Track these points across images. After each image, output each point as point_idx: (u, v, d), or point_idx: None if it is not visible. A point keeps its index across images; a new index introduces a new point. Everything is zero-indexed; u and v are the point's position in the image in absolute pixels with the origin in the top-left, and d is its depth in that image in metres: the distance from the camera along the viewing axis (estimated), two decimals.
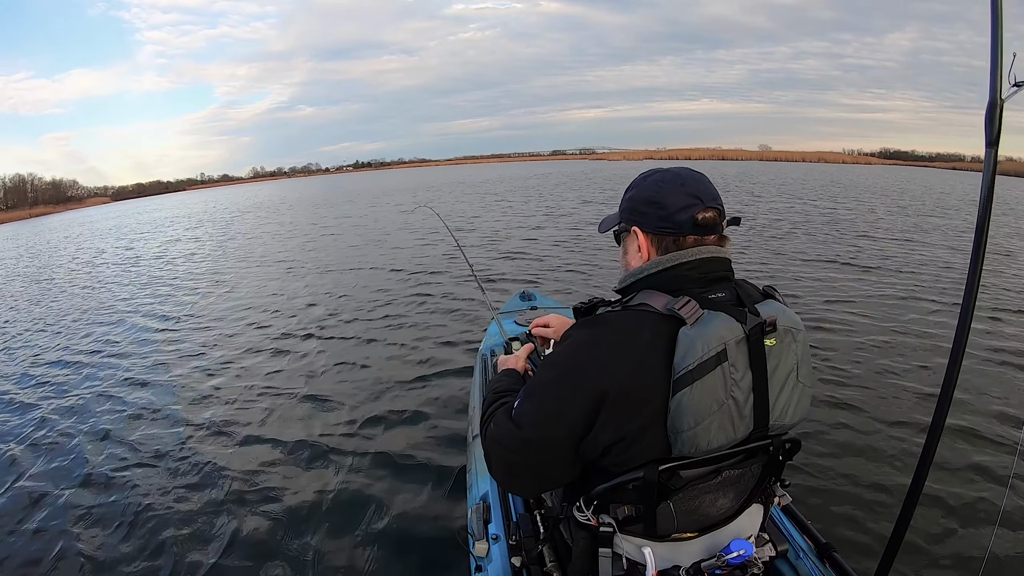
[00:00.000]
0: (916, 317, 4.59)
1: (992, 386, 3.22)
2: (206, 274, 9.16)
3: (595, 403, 0.88)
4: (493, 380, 1.25)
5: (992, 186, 1.12)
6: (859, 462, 2.59)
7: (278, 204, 28.23)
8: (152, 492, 2.78)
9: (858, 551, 1.94)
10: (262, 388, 4.02)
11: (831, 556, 1.29)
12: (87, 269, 11.30)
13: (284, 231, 15.12)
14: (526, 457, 0.95)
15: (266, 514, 2.52)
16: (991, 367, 3.53)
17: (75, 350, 5.43)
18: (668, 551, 0.99)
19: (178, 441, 3.30)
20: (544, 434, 0.93)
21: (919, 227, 10.42)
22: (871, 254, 7.52)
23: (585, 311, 1.05)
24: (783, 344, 0.91)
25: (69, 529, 2.54)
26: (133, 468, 3.04)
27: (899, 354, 3.82)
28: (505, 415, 1.00)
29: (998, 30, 1.06)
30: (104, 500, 2.76)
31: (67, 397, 4.18)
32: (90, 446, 3.34)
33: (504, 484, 1.05)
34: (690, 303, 0.88)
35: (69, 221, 32.69)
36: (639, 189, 1.03)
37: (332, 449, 3.04)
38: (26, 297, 8.69)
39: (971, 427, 2.78)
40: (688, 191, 0.98)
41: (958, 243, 8.45)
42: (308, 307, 6.22)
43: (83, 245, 16.60)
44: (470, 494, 1.75)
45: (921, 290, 5.56)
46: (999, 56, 1.06)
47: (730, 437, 0.89)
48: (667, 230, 0.97)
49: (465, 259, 3.01)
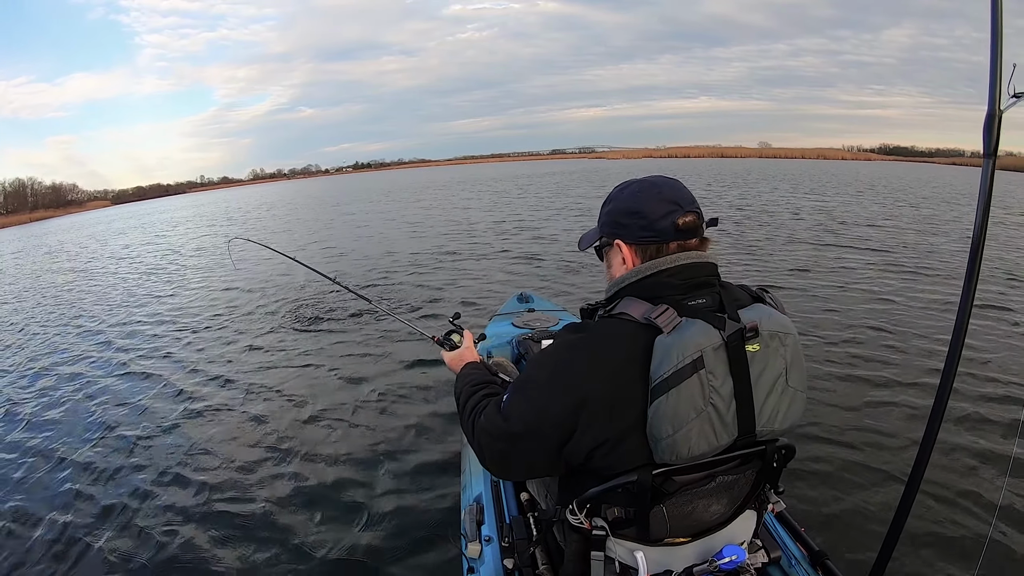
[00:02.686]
0: (912, 322, 4.60)
1: (985, 404, 3.22)
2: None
3: (576, 406, 0.90)
4: (461, 376, 1.27)
5: (990, 196, 1.12)
6: (853, 470, 2.58)
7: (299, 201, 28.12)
8: (137, 494, 2.78)
9: (851, 559, 1.94)
10: (253, 387, 4.01)
11: (824, 564, 1.29)
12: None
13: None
14: (515, 448, 0.98)
15: (257, 515, 2.51)
16: (987, 379, 3.54)
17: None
18: (660, 555, 0.99)
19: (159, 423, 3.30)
20: (530, 429, 0.95)
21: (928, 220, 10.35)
22: (870, 253, 7.52)
23: (589, 313, 1.08)
24: (769, 349, 0.90)
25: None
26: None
27: (896, 357, 3.83)
28: (495, 408, 1.01)
29: (998, 41, 1.06)
30: (108, 497, 2.76)
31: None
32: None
33: (495, 472, 1.08)
34: (667, 311, 0.88)
35: (94, 220, 32.39)
36: (617, 202, 1.03)
37: (325, 450, 3.03)
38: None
39: (965, 443, 2.78)
40: (666, 198, 0.98)
41: (958, 246, 8.43)
42: (307, 306, 6.21)
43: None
44: (463, 496, 1.75)
45: (921, 291, 5.57)
46: (999, 67, 1.06)
47: (712, 444, 0.89)
48: (650, 239, 0.98)
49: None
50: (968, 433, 2.86)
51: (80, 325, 6.39)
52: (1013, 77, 1.04)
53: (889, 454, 2.70)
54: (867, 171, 37.66)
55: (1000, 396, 3.26)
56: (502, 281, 6.73)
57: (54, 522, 2.57)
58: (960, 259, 6.94)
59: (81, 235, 21.46)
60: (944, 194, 18.30)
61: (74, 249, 15.97)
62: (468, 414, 1.10)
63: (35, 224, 41.67)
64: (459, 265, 7.88)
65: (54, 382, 4.51)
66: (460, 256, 8.56)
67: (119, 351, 5.21)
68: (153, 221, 24.86)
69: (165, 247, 13.82)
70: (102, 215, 41.08)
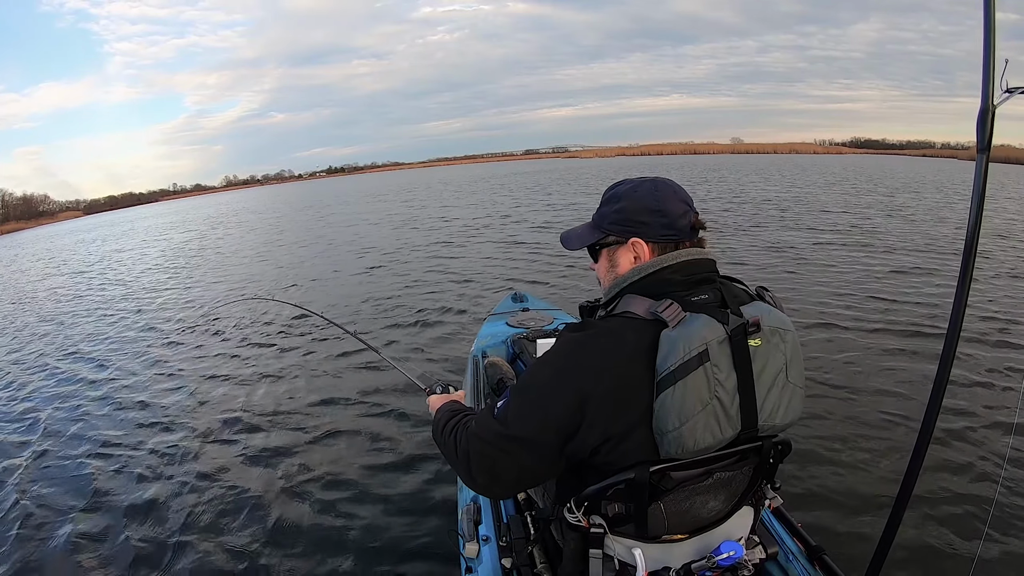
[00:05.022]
0: (907, 318, 4.63)
1: (982, 390, 3.25)
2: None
3: (580, 403, 0.89)
4: (440, 409, 1.19)
5: (984, 191, 1.13)
6: (850, 465, 2.60)
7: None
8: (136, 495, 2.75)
9: (848, 554, 1.94)
10: (248, 386, 3.99)
11: (821, 558, 1.29)
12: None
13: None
14: (508, 453, 0.94)
15: (254, 514, 2.50)
16: (981, 370, 3.57)
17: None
18: (658, 552, 0.99)
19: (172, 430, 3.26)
20: (532, 430, 0.92)
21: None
22: (867, 251, 7.57)
23: (589, 311, 1.07)
24: (770, 345, 0.91)
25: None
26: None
27: (891, 356, 3.85)
28: (487, 415, 0.99)
29: (991, 36, 1.06)
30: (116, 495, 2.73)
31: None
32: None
33: (483, 486, 1.00)
34: (672, 306, 0.88)
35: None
36: (632, 200, 1.02)
37: (322, 450, 3.03)
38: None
39: (961, 429, 2.81)
40: (681, 197, 1.01)
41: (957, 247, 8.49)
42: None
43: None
44: (460, 495, 1.74)
45: (917, 291, 5.61)
46: (991, 62, 1.07)
47: (717, 437, 0.89)
48: (670, 236, 0.99)
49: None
50: (967, 423, 2.89)
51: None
52: (1006, 72, 1.05)
53: (886, 448, 2.72)
54: (840, 163, 38.36)
55: (998, 387, 3.30)
56: (497, 279, 6.73)
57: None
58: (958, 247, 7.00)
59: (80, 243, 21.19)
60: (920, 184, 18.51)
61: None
62: (451, 431, 1.06)
63: (7, 236, 40.80)
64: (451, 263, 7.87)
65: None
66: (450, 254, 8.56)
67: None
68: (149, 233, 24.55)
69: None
70: (74, 226, 40.19)
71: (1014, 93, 1.06)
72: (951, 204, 12.98)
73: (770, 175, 24.29)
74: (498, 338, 2.51)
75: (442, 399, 1.32)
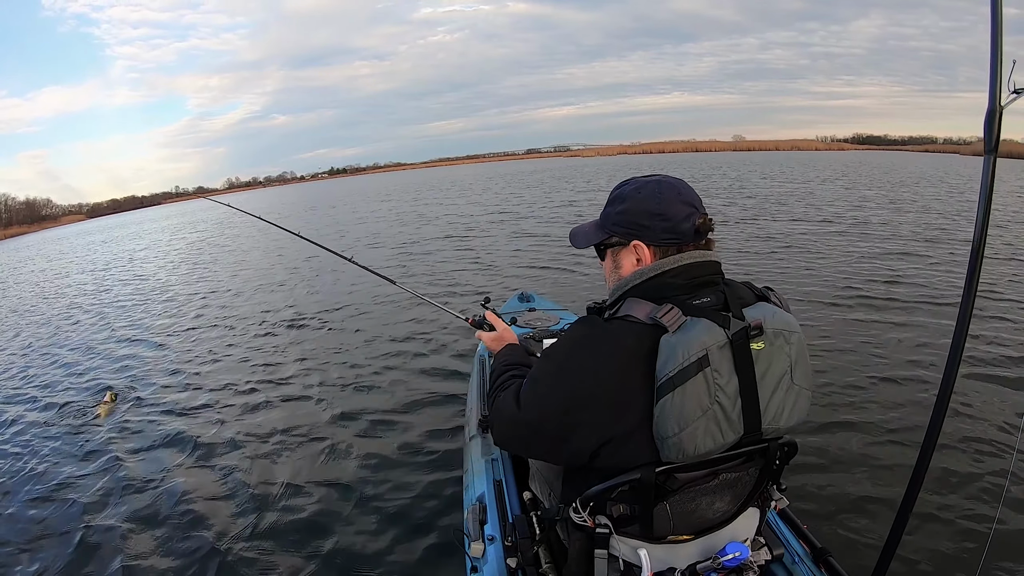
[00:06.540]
0: (914, 320, 4.59)
1: (988, 394, 3.22)
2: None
3: (580, 402, 0.91)
4: (498, 355, 1.31)
5: (991, 192, 1.12)
6: (856, 467, 2.58)
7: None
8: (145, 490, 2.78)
9: (854, 556, 1.94)
10: (249, 385, 4.01)
11: (827, 561, 1.28)
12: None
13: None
14: (520, 435, 1.02)
15: (257, 513, 2.51)
16: (989, 375, 3.53)
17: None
18: (664, 553, 0.99)
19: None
20: (540, 418, 0.97)
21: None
22: (870, 251, 7.52)
23: (596, 312, 1.07)
24: (774, 347, 0.90)
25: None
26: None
27: (897, 357, 3.82)
28: (513, 395, 1.04)
29: (998, 37, 1.06)
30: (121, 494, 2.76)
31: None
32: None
33: (499, 444, 1.13)
34: (672, 311, 0.88)
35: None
36: (635, 202, 1.01)
37: (326, 448, 3.03)
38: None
39: (968, 434, 2.78)
40: (685, 199, 0.99)
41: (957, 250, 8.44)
42: (303, 308, 6.22)
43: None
44: (466, 495, 1.74)
45: (922, 292, 5.56)
46: (999, 63, 1.06)
47: (718, 442, 0.89)
48: (671, 240, 0.98)
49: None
50: (973, 426, 2.86)
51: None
52: (1013, 73, 1.05)
53: (892, 449, 2.70)
54: (843, 160, 38.22)
55: (1006, 386, 3.27)
56: (507, 278, 6.74)
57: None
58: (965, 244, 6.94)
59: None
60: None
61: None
62: (492, 390, 1.15)
63: (10, 240, 41.03)
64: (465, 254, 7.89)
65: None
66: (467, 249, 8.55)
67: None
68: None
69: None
70: (78, 229, 40.34)
71: (1022, 93, 1.05)
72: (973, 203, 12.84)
73: (780, 171, 23.85)
74: None
75: (497, 338, 1.42)
